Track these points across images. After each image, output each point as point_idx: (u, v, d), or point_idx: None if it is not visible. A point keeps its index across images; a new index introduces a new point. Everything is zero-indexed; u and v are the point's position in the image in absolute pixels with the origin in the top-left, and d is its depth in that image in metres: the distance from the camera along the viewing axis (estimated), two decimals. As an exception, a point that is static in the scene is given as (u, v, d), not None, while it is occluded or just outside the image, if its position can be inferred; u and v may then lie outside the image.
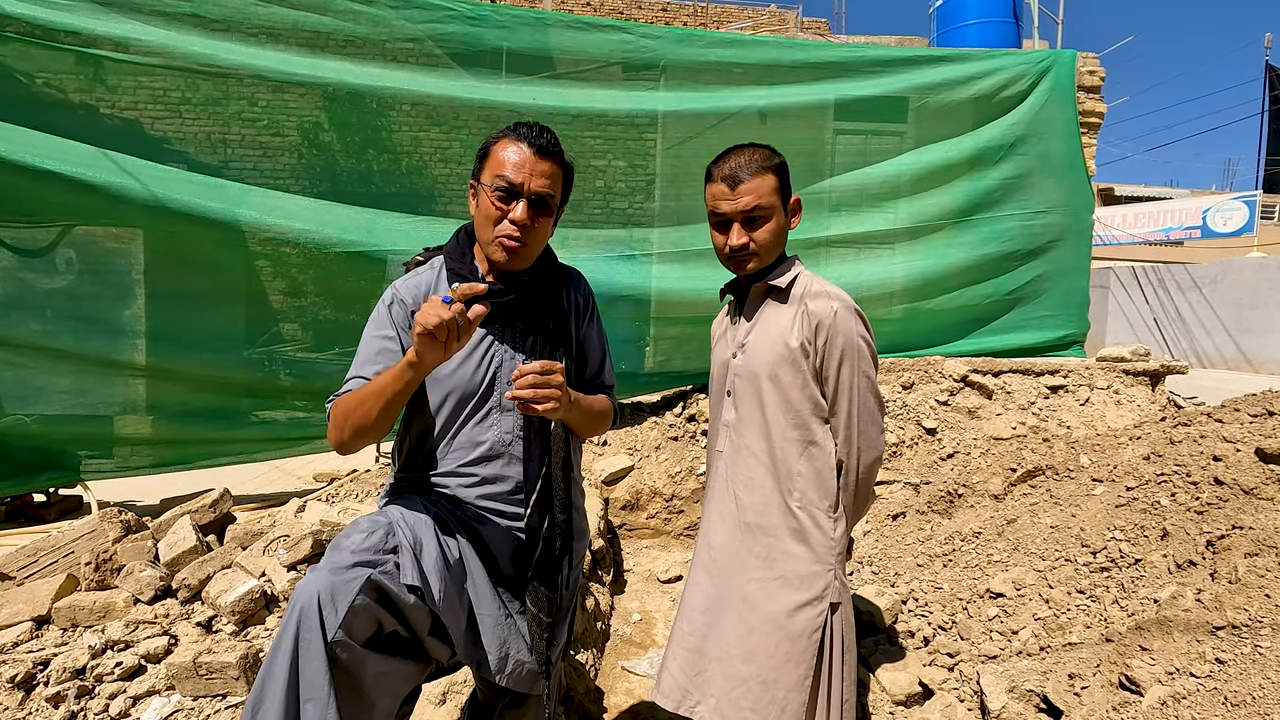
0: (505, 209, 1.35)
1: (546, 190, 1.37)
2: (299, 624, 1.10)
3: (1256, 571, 1.88)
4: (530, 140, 1.36)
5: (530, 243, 1.39)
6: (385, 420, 1.29)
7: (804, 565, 1.47)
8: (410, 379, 1.23)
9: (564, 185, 1.44)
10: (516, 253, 1.37)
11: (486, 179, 1.37)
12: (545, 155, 1.37)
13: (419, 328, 1.16)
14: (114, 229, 3.63)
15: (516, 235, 1.36)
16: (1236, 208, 15.90)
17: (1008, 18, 8.01)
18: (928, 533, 3.12)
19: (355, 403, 1.30)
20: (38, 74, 3.57)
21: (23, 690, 1.82)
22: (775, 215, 1.50)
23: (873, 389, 1.50)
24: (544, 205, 1.38)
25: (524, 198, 1.35)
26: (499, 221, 1.36)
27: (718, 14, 11.73)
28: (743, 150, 1.51)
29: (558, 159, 1.40)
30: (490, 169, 1.37)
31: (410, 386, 1.25)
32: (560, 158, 1.41)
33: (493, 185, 1.35)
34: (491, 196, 1.35)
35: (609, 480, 4.12)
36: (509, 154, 1.35)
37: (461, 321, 1.16)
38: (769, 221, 1.49)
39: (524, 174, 1.34)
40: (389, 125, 4.10)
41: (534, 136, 1.36)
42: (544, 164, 1.37)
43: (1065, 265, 5.01)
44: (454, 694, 1.89)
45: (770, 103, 4.56)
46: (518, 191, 1.35)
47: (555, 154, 1.39)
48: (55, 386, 3.51)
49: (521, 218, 1.35)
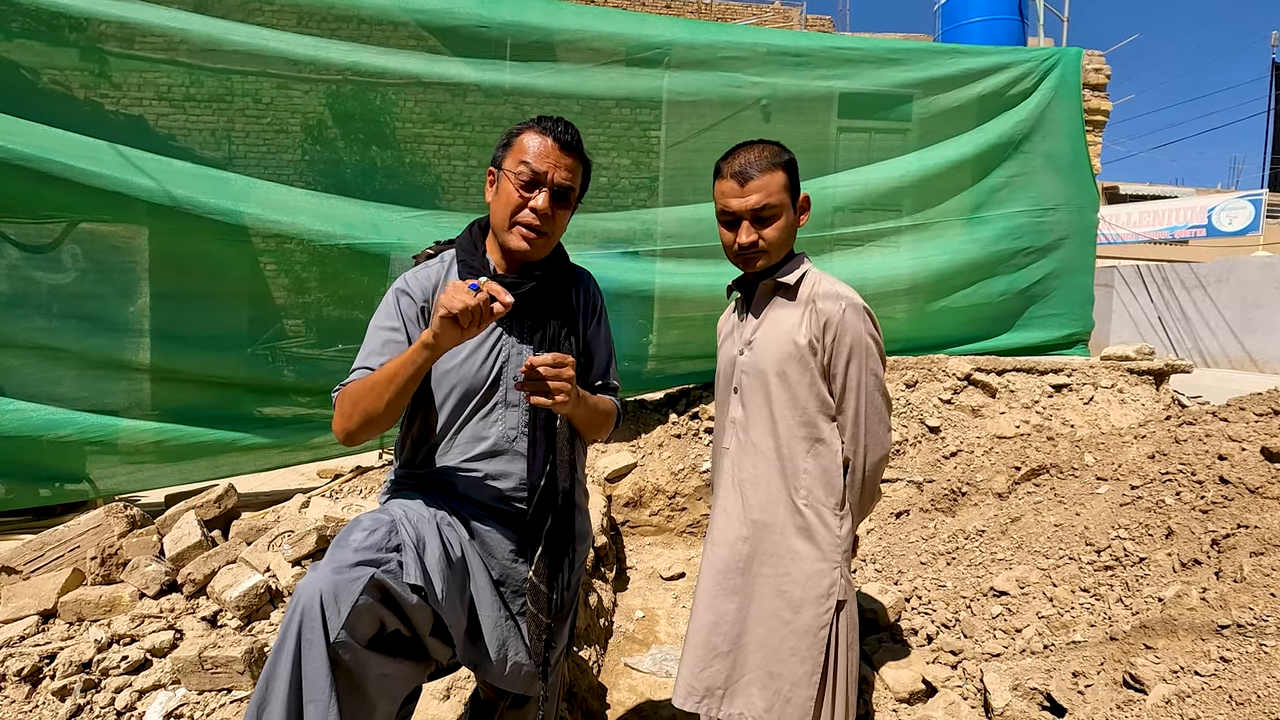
0: (528, 197, 1.36)
1: (568, 183, 1.39)
2: (301, 624, 1.09)
3: (1262, 570, 1.88)
4: (556, 135, 1.38)
5: (549, 233, 1.40)
6: (395, 407, 1.28)
7: (810, 563, 1.47)
8: (423, 362, 1.23)
9: (583, 181, 1.46)
10: (535, 242, 1.38)
11: (510, 165, 1.38)
12: (569, 150, 1.39)
13: (442, 310, 1.16)
14: (118, 226, 3.63)
15: (537, 224, 1.37)
16: (1242, 206, 15.82)
17: (1013, 15, 7.97)
18: (931, 531, 3.12)
19: (364, 389, 1.29)
20: (44, 70, 3.58)
21: (29, 684, 1.84)
22: (784, 212, 1.50)
23: (880, 387, 1.50)
24: (564, 198, 1.40)
25: (547, 188, 1.36)
26: (520, 209, 1.37)
27: (721, 11, 11.71)
28: (752, 147, 1.51)
29: (580, 154, 1.42)
30: (514, 155, 1.38)
31: (422, 371, 1.25)
32: (582, 153, 1.43)
33: (517, 173, 1.36)
34: (515, 183, 1.36)
35: (612, 477, 4.13)
36: (535, 144, 1.37)
37: (485, 309, 1.17)
38: (778, 219, 1.49)
39: (548, 164, 1.36)
40: (393, 121, 4.10)
41: (559, 131, 1.38)
42: (568, 158, 1.39)
43: (1069, 263, 5.00)
44: (458, 690, 1.90)
45: (775, 96, 4.55)
46: (541, 181, 1.36)
47: (578, 149, 1.41)
48: (59, 385, 3.52)
49: (544, 207, 1.36)
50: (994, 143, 4.85)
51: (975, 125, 4.86)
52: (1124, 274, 14.09)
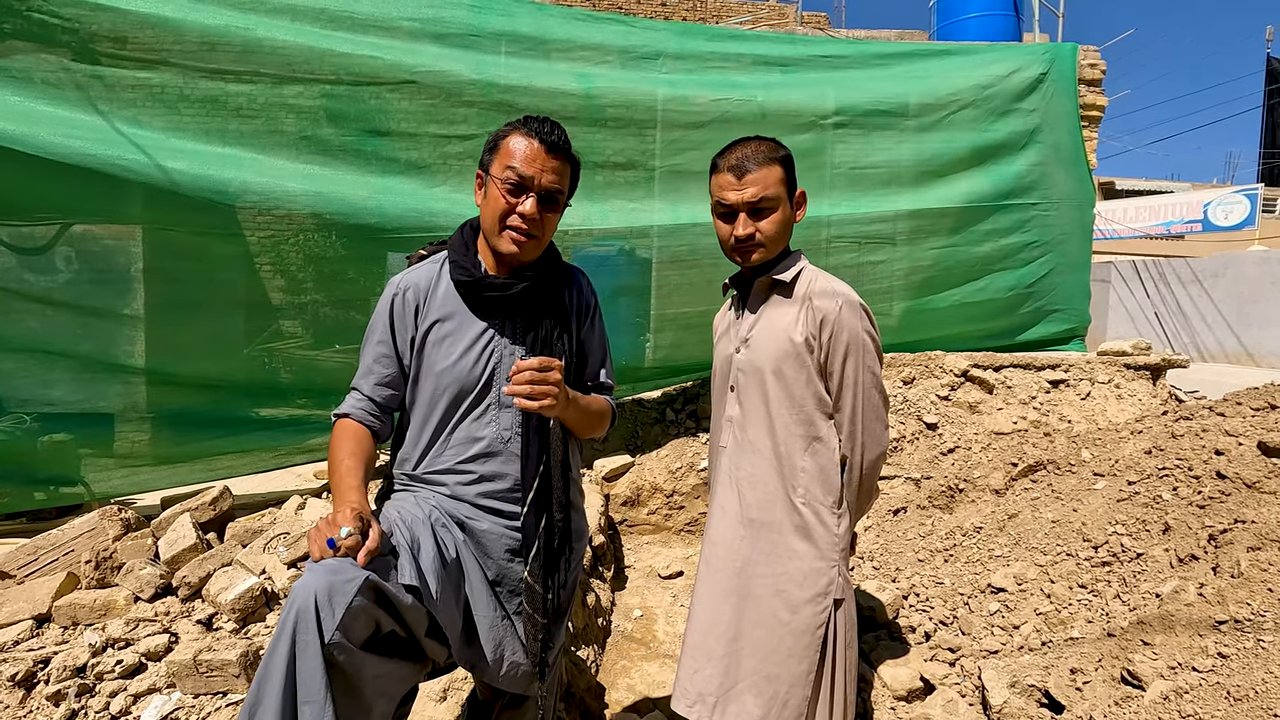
0: (515, 202, 1.35)
1: (556, 186, 1.38)
2: (295, 625, 1.08)
3: (1259, 566, 1.87)
4: (542, 136, 1.36)
5: (538, 236, 1.39)
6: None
7: (808, 561, 1.46)
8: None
9: (571, 181, 1.44)
10: (525, 246, 1.38)
11: (497, 170, 1.36)
12: (555, 152, 1.37)
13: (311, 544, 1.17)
14: (112, 228, 3.61)
15: (525, 229, 1.36)
16: (1238, 201, 15.85)
17: (1008, 11, 7.97)
18: (929, 528, 3.12)
19: (332, 456, 1.37)
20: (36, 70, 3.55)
21: (23, 689, 1.82)
22: (781, 206, 1.49)
23: (877, 385, 1.49)
24: (552, 201, 1.39)
25: (534, 192, 1.35)
26: (508, 214, 1.36)
27: (717, 9, 11.68)
28: (749, 142, 1.51)
29: (567, 155, 1.40)
30: (500, 160, 1.36)
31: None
32: (569, 154, 1.41)
33: (503, 178, 1.35)
34: (502, 189, 1.35)
35: (609, 476, 4.12)
36: (520, 147, 1.35)
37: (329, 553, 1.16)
38: (775, 212, 1.49)
39: (535, 168, 1.34)
40: (389, 118, 4.07)
41: (545, 132, 1.36)
42: (554, 160, 1.37)
43: (1067, 259, 5.01)
44: (455, 690, 1.89)
45: (770, 95, 4.54)
46: (529, 185, 1.35)
47: (565, 150, 1.39)
48: (53, 387, 3.50)
49: (531, 212, 1.35)
50: (990, 139, 4.84)
51: (971, 122, 4.86)
52: (1120, 269, 14.12)
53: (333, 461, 1.35)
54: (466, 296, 1.41)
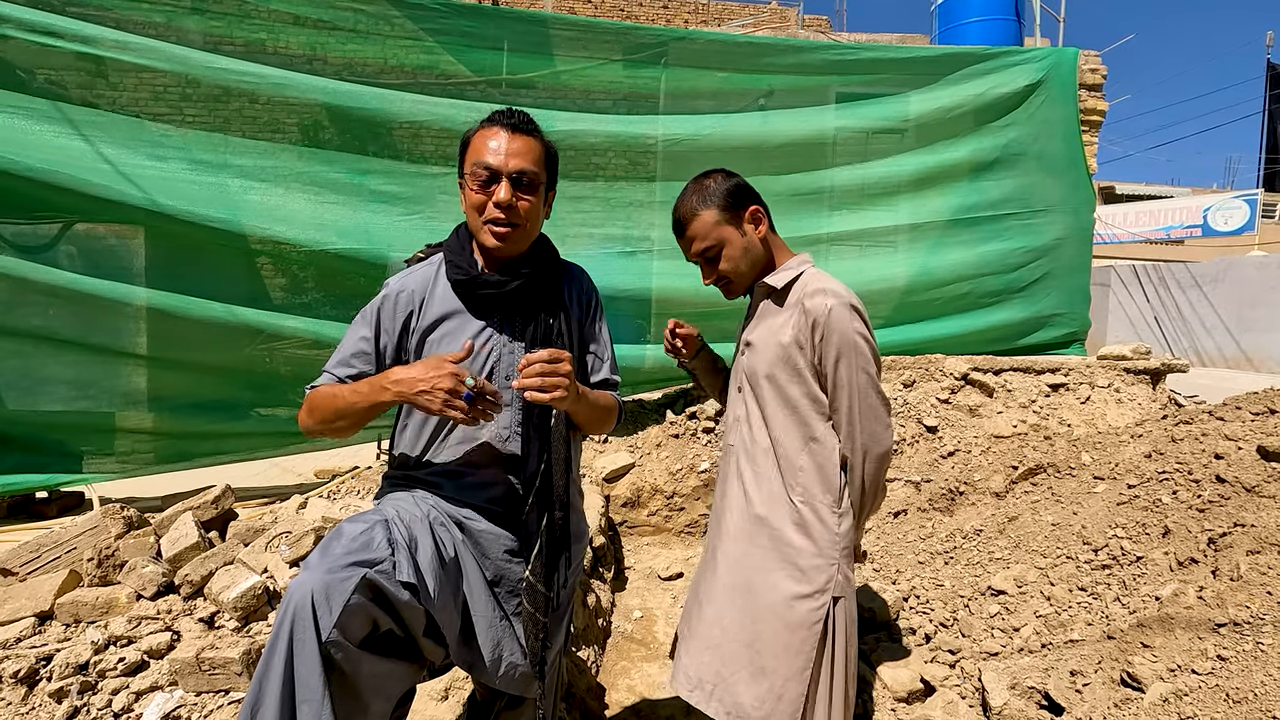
0: (488, 194, 1.35)
1: (526, 167, 1.36)
2: (293, 624, 1.08)
3: (1258, 569, 1.88)
4: (502, 122, 1.37)
5: (520, 224, 1.38)
6: (349, 431, 1.36)
7: (806, 557, 1.47)
8: (380, 403, 1.29)
9: (547, 164, 1.43)
10: (508, 236, 1.37)
11: (467, 169, 1.37)
12: (519, 131, 1.37)
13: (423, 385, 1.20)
14: (115, 226, 3.63)
15: (503, 217, 1.36)
16: (1237, 206, 15.87)
17: (1009, 16, 7.99)
18: (929, 530, 3.13)
19: (325, 404, 1.35)
20: (38, 69, 3.57)
21: (26, 686, 1.83)
22: (727, 243, 1.53)
23: (873, 385, 1.49)
24: (527, 185, 1.37)
25: (505, 177, 1.35)
26: (485, 207, 1.36)
27: (719, 11, 11.70)
28: (684, 194, 1.56)
29: (533, 135, 1.39)
30: (469, 159, 1.37)
31: (377, 409, 1.30)
32: (537, 134, 1.40)
33: (473, 174, 1.35)
34: (474, 185, 1.36)
35: (610, 478, 4.12)
36: (484, 140, 1.36)
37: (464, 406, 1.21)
38: (723, 250, 1.54)
39: (500, 156, 1.35)
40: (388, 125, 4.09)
41: (505, 118, 1.37)
42: (518, 141, 1.36)
43: (1066, 263, 5.01)
44: (456, 690, 1.89)
45: (771, 97, 4.56)
46: (498, 174, 1.35)
47: (529, 130, 1.39)
48: (57, 380, 3.52)
49: (504, 198, 1.34)
50: (991, 143, 4.86)
51: (972, 126, 4.87)
52: (1120, 274, 14.13)
53: (330, 402, 1.35)
54: (463, 295, 1.41)
